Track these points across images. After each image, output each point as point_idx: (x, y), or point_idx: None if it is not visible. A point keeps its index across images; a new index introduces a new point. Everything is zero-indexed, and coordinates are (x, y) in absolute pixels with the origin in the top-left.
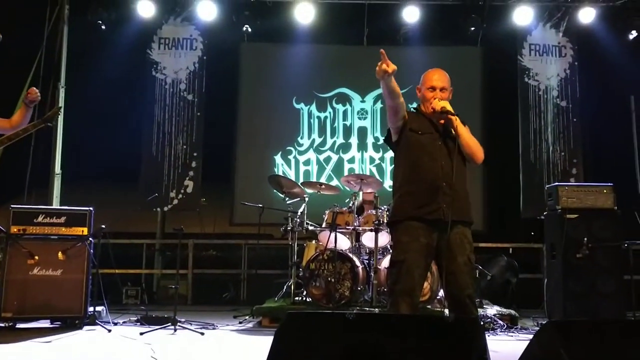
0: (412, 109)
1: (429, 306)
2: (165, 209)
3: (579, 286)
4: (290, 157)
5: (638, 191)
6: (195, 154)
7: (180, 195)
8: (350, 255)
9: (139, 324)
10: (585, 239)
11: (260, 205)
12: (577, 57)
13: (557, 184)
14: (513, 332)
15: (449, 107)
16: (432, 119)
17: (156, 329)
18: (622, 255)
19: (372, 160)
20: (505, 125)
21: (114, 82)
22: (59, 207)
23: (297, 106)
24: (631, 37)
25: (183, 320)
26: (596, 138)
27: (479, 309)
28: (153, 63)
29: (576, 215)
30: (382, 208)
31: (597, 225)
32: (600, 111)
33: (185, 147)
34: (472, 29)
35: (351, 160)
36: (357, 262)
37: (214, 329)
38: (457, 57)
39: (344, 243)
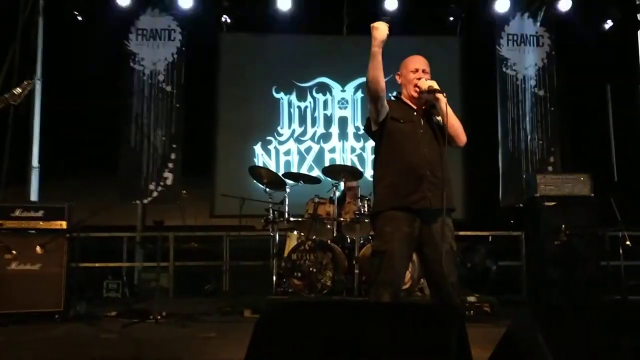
0: (391, 98)
1: (411, 295)
2: (145, 201)
3: (557, 272)
4: (271, 147)
5: (614, 178)
6: (174, 146)
7: (160, 188)
8: (332, 245)
9: (120, 317)
10: (563, 226)
11: (241, 197)
12: (554, 46)
13: (535, 172)
14: (493, 319)
15: (437, 86)
16: (414, 104)
17: (138, 322)
18: (598, 241)
19: (353, 149)
20: (484, 115)
21: (92, 74)
22: (36, 201)
23: (277, 96)
24: (607, 26)
25: (164, 312)
26: (574, 127)
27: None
28: (131, 54)
29: (554, 203)
30: (364, 198)
31: (574, 213)
32: (578, 100)
33: (164, 139)
34: (452, 18)
35: (332, 150)
36: (339, 252)
37: (196, 320)
38: (436, 46)
39: (326, 233)
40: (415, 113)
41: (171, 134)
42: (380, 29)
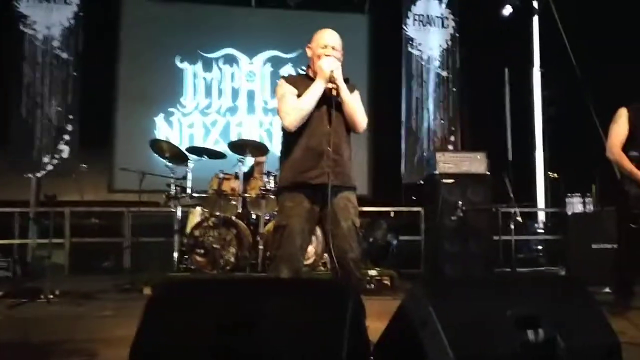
0: (300, 71)
1: (315, 269)
2: (38, 174)
3: (454, 247)
4: (173, 119)
5: (509, 158)
6: (71, 117)
7: (54, 161)
8: (236, 221)
9: (7, 297)
10: (460, 202)
11: (141, 172)
12: (458, 28)
13: (434, 150)
14: (393, 292)
15: (337, 74)
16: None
17: (26, 301)
18: (492, 217)
19: (261, 124)
20: (390, 94)
21: None
22: None
23: (181, 66)
24: (506, 12)
25: (57, 291)
26: (474, 107)
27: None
28: (21, 16)
29: (452, 180)
30: (270, 173)
31: (470, 190)
32: (478, 82)
33: (59, 109)
34: None
35: (239, 124)
36: (243, 228)
37: (92, 298)
38: (344, 23)
39: (230, 209)
40: None
41: (67, 104)
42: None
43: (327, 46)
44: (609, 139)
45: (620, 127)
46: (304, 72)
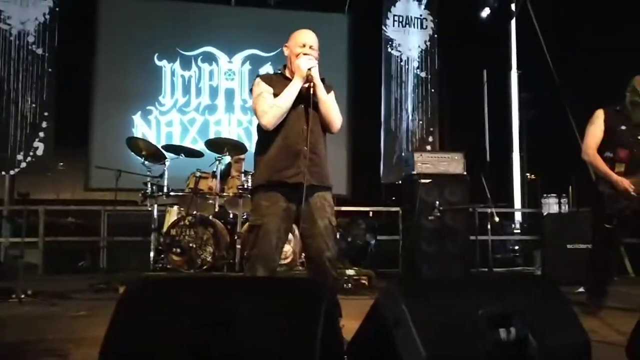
0: (277, 71)
1: (292, 269)
2: (12, 172)
3: (431, 247)
4: (151, 117)
5: (487, 158)
6: (46, 114)
7: (29, 158)
8: (213, 220)
9: None
10: (437, 202)
11: (117, 170)
12: (437, 29)
13: (413, 151)
14: (370, 292)
15: (314, 73)
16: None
17: None
18: (469, 217)
19: (239, 123)
20: (369, 94)
21: None
22: None
23: (159, 63)
24: (484, 14)
25: (30, 291)
26: (452, 108)
27: (340, 270)
28: None
29: (429, 181)
30: (248, 172)
31: (448, 190)
32: (457, 83)
33: (34, 105)
34: None
35: (218, 123)
36: (220, 227)
37: (66, 298)
38: (324, 23)
39: (208, 208)
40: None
41: (42, 101)
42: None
43: (305, 45)
44: (584, 140)
45: (596, 128)
46: (280, 72)
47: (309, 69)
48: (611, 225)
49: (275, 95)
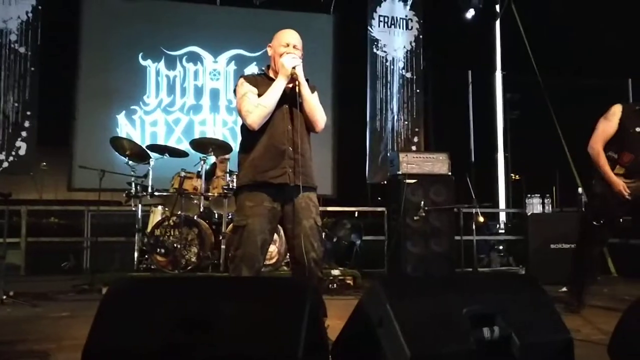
0: (261, 72)
1: (278, 269)
2: None
3: (416, 247)
4: (136, 117)
5: (471, 159)
6: (28, 113)
7: (11, 158)
8: (198, 220)
9: None
10: (422, 202)
11: (101, 169)
12: (422, 30)
13: (398, 151)
14: (355, 292)
15: (299, 71)
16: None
17: None
18: (454, 217)
19: (225, 123)
20: (355, 94)
21: None
22: None
23: (144, 63)
24: (469, 15)
25: (12, 292)
26: (437, 109)
27: (325, 270)
28: None
29: (415, 181)
30: (233, 172)
31: (433, 190)
32: (442, 84)
33: (16, 104)
34: None
35: (203, 123)
36: (205, 228)
37: (48, 299)
38: (309, 23)
39: (192, 209)
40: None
41: (25, 100)
42: (291, 61)
43: (289, 44)
44: (594, 133)
45: (608, 125)
46: (264, 72)
47: (293, 68)
48: (599, 224)
49: (260, 95)
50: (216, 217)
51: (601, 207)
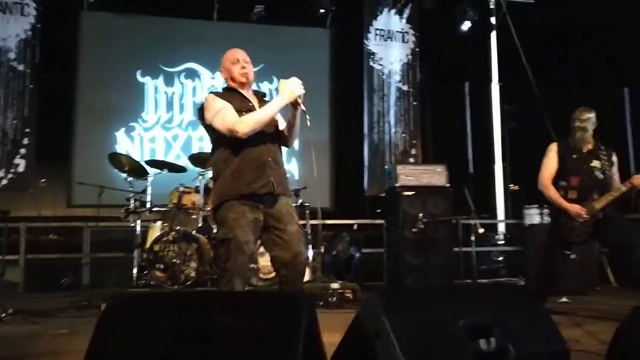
0: (224, 88)
1: (275, 284)
2: None
3: (415, 259)
4: (134, 134)
5: (469, 170)
6: (27, 130)
7: (10, 175)
8: (197, 235)
9: None
10: (421, 214)
11: (99, 185)
12: (418, 43)
13: (396, 163)
14: (354, 305)
15: (301, 99)
16: (246, 91)
17: None
18: (453, 229)
19: None
20: (352, 107)
21: None
22: None
23: (142, 80)
24: (465, 27)
25: (11, 309)
26: (434, 121)
27: (324, 284)
28: None
29: (413, 193)
30: None
31: (431, 202)
32: (439, 96)
33: (15, 122)
34: (322, 11)
35: (201, 139)
36: (204, 243)
37: (47, 316)
38: (306, 37)
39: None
40: (250, 103)
41: (24, 117)
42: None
43: (239, 60)
44: (540, 172)
45: (549, 161)
46: (227, 87)
47: (299, 96)
48: (570, 252)
49: (236, 109)
50: (215, 231)
51: (568, 236)
